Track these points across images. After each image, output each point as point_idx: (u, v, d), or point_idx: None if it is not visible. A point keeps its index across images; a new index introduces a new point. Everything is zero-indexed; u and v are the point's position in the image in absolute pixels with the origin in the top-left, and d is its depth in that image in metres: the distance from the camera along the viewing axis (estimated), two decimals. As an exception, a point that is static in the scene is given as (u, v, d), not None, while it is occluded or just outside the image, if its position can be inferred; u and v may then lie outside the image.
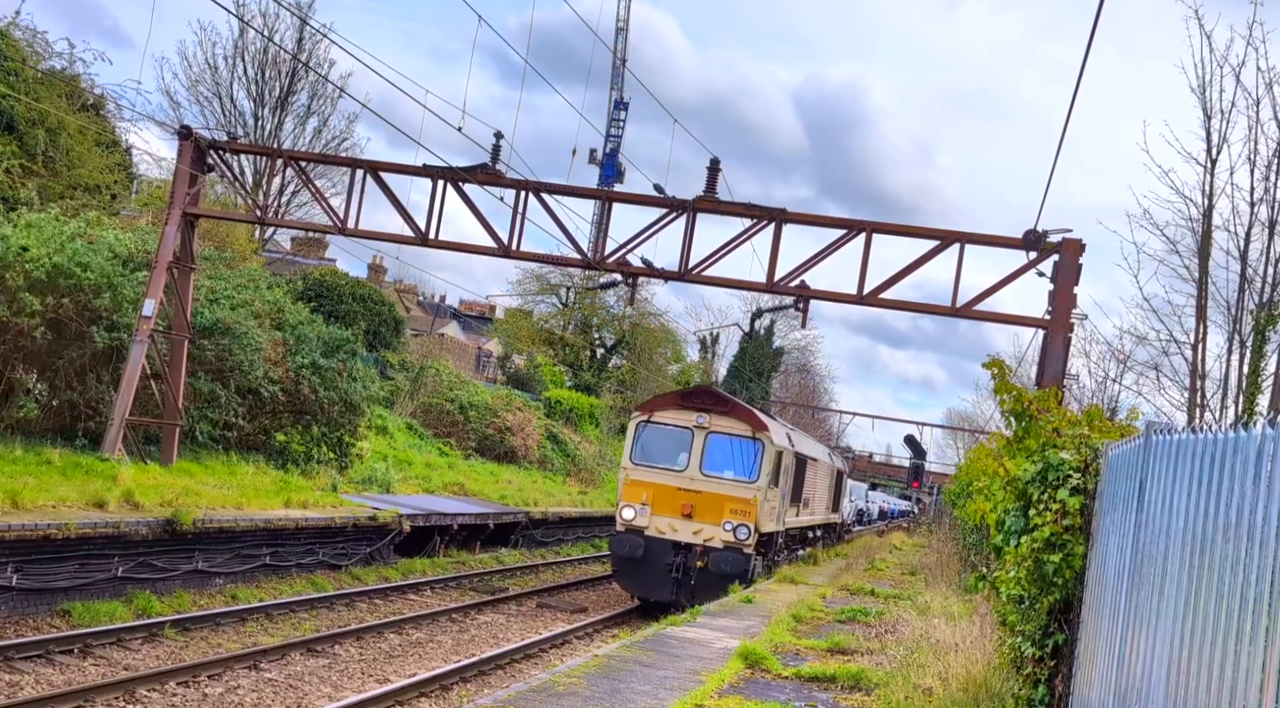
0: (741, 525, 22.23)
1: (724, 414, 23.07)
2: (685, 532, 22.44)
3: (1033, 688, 8.60)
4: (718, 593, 20.69)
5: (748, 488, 22.55)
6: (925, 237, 20.63)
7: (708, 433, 22.85)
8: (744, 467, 22.81)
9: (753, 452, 22.81)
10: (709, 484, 22.61)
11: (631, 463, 23.22)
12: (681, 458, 23.04)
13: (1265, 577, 3.85)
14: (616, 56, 75.61)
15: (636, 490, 22.80)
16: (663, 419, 23.18)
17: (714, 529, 22.28)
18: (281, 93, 42.81)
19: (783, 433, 25.54)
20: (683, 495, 22.60)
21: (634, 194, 23.07)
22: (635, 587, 23.07)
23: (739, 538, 22.17)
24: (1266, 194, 18.88)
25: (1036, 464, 8.51)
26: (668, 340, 59.42)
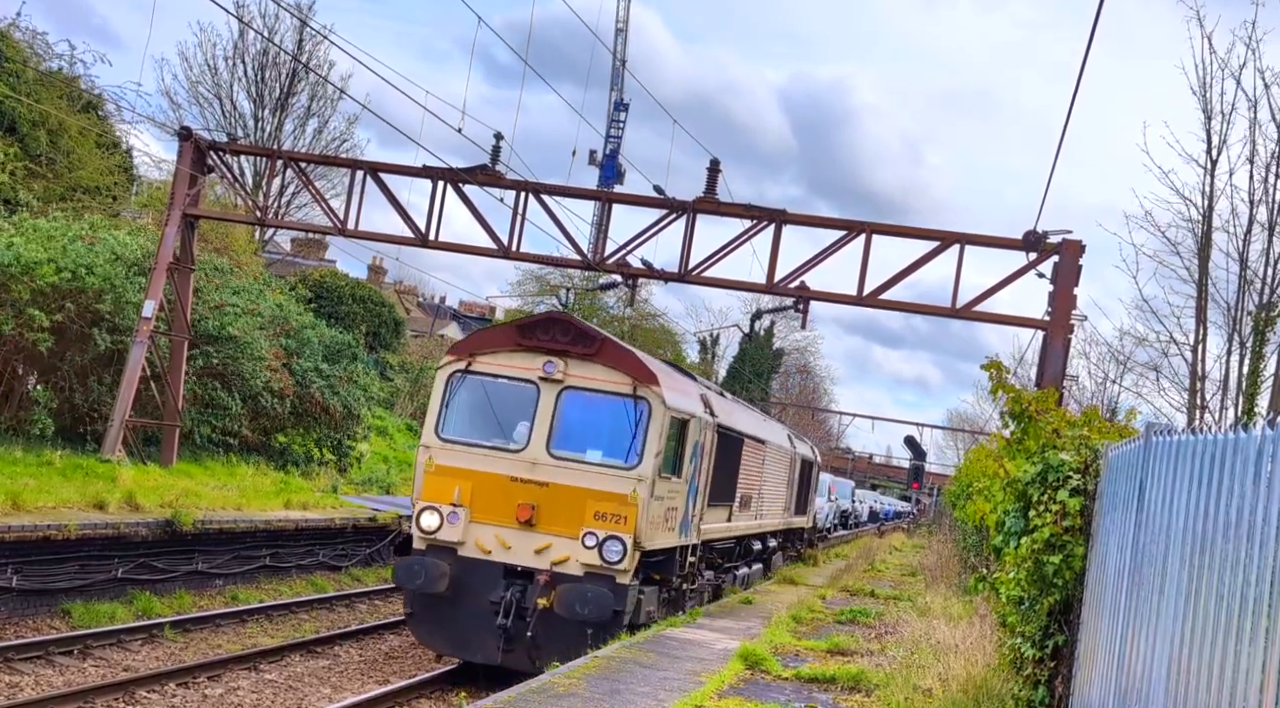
0: (613, 539, 13.83)
1: (587, 358, 14.50)
2: (522, 550, 14.09)
3: (1033, 689, 8.60)
4: (572, 648, 13.29)
5: (624, 478, 14.16)
6: (925, 238, 20.64)
7: (561, 389, 14.45)
8: (619, 443, 14.47)
9: (633, 419, 14.42)
10: (562, 472, 14.25)
11: (438, 439, 14.56)
12: (519, 430, 14.57)
13: (1265, 577, 3.85)
14: (616, 58, 75.64)
15: (444, 484, 14.29)
16: (489, 367, 14.71)
17: (569, 545, 14.02)
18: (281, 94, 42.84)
19: (692, 393, 16.59)
20: (519, 490, 14.18)
21: (634, 195, 23.08)
22: (439, 639, 14.61)
23: (608, 559, 13.82)
24: (1266, 195, 18.91)
25: (1036, 465, 8.52)
26: (668, 342, 59.42)
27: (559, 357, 14.51)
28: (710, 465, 17.02)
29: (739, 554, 22.13)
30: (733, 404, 21.22)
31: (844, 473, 79.97)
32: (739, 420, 20.02)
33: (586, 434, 14.55)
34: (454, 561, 14.20)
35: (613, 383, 14.48)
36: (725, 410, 18.74)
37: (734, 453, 19.28)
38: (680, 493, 15.40)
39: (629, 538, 13.89)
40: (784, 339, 71.85)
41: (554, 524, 14.10)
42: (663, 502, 14.63)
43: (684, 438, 15.24)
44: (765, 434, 23.15)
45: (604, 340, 14.73)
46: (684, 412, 15.18)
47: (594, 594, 13.55)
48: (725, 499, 18.85)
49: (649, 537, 14.25)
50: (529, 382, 14.56)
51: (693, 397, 16.29)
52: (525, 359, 14.60)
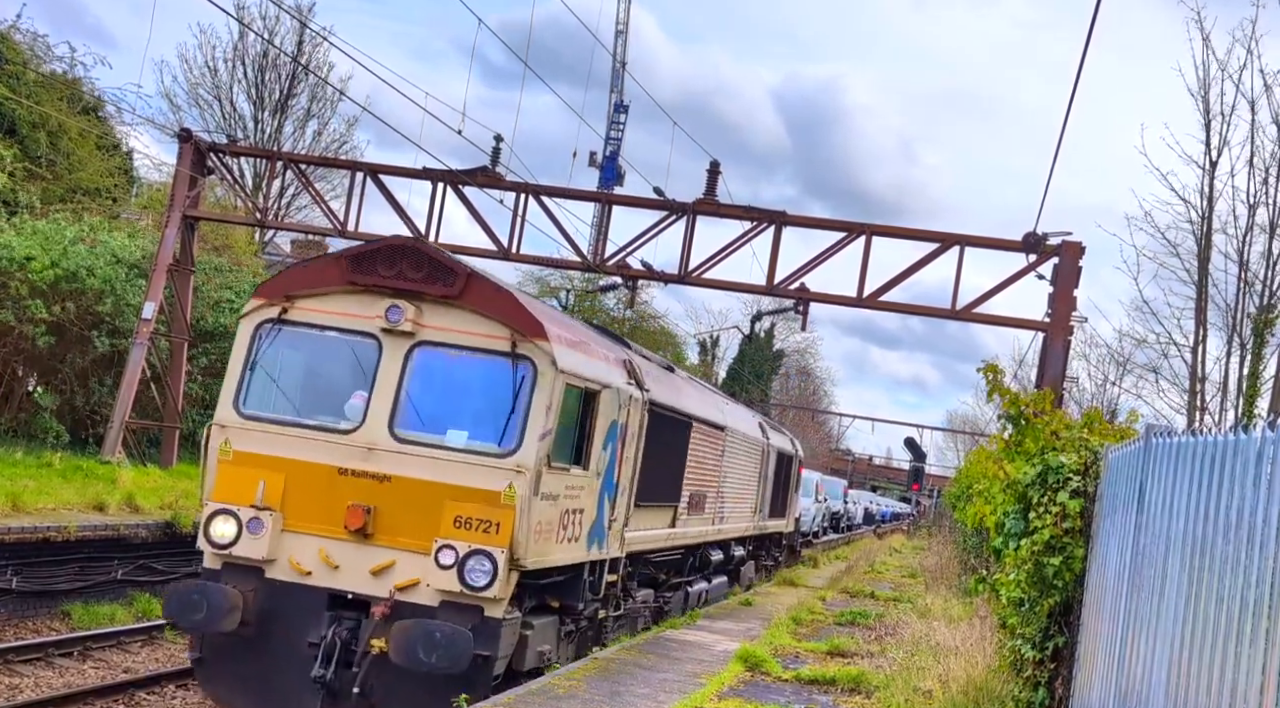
0: (478, 554, 9.91)
1: (448, 302, 10.59)
2: (354, 570, 10.25)
3: (1033, 691, 8.61)
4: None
5: (497, 469, 10.18)
6: (925, 239, 20.66)
7: (412, 345, 10.58)
8: (490, 421, 10.49)
9: (511, 387, 10.43)
10: (410, 461, 10.33)
11: (237, 416, 10.70)
12: (351, 404, 10.75)
13: (1265, 579, 3.85)
14: (616, 59, 75.72)
15: (245, 478, 10.44)
16: (312, 314, 10.83)
17: (418, 563, 10.10)
18: (281, 96, 42.89)
19: (606, 357, 12.17)
20: (350, 487, 10.35)
21: (634, 197, 23.10)
22: (238, 697, 10.64)
23: (471, 583, 9.90)
24: (1266, 197, 18.93)
25: (1036, 467, 8.52)
26: (668, 343, 59.44)
27: (409, 299, 10.41)
28: (639, 454, 12.81)
29: (693, 567, 17.83)
30: (679, 380, 16.48)
31: (844, 475, 79.92)
32: (686, 400, 15.69)
33: (446, 408, 10.54)
34: (259, 585, 10.21)
35: (483, 336, 10.35)
36: (664, 385, 14.48)
37: (678, 441, 15.12)
38: (588, 490, 11.25)
39: (502, 553, 9.67)
40: (784, 341, 71.93)
41: (398, 534, 10.03)
42: (556, 502, 10.50)
43: (591, 415, 11.20)
44: (725, 419, 18.68)
45: (470, 277, 10.47)
46: (590, 379, 11.07)
47: (445, 635, 9.45)
48: (665, 499, 14.74)
49: (535, 550, 10.03)
50: (367, 335, 10.52)
51: (607, 362, 11.91)
52: (362, 303, 10.59)
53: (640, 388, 12.99)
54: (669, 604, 16.70)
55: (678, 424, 15.12)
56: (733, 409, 21.07)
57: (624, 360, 12.82)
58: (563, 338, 10.81)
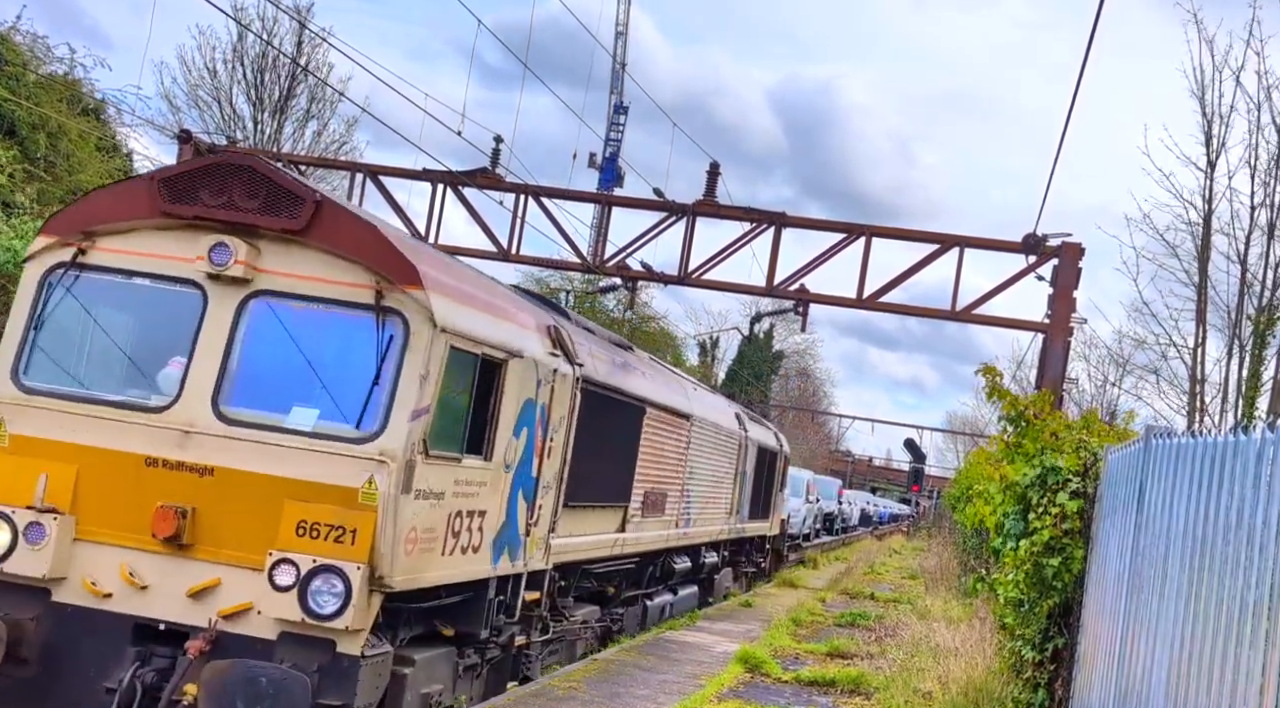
0: (326, 572, 7.49)
1: (292, 238, 8.13)
2: (167, 592, 7.81)
3: (1033, 692, 8.61)
4: None
5: (353, 458, 7.72)
6: (925, 240, 20.65)
7: (246, 296, 8.18)
8: (345, 395, 7.97)
9: (375, 349, 7.94)
10: (240, 449, 7.86)
11: (16, 389, 8.23)
12: (165, 374, 8.28)
13: (1265, 580, 3.85)
14: (616, 61, 75.75)
15: (24, 471, 8.02)
16: (116, 257, 8.38)
17: (250, 582, 7.69)
18: (280, 96, 42.91)
19: (519, 318, 9.84)
20: (161, 483, 7.89)
21: (633, 198, 23.11)
22: None
23: (318, 609, 7.48)
24: (1266, 198, 18.94)
25: (1036, 468, 8.53)
26: (668, 344, 59.45)
27: (242, 236, 8.03)
28: (570, 443, 10.61)
29: (653, 577, 15.68)
30: (630, 358, 13.57)
31: (843, 476, 79.86)
32: (636, 380, 13.03)
33: (290, 379, 8.07)
34: (42, 612, 7.83)
35: (338, 284, 7.98)
36: (606, 361, 11.99)
37: (627, 429, 12.91)
38: (491, 487, 9.00)
39: (358, 569, 7.38)
40: (783, 342, 71.93)
41: (224, 545, 7.72)
42: (441, 502, 8.19)
43: (496, 390, 8.92)
44: (692, 407, 16.14)
45: (322, 206, 8.05)
46: (491, 344, 8.72)
47: (274, 681, 7.21)
48: (611, 498, 12.51)
49: (407, 565, 7.80)
50: (187, 283, 8.13)
51: (519, 325, 9.51)
52: (181, 242, 8.15)
53: (570, 361, 10.53)
54: (621, 623, 14.40)
55: (626, 409, 12.73)
56: (703, 396, 18.27)
57: (548, 327, 10.21)
58: (447, 287, 8.29)
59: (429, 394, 7.94)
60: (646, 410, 13.55)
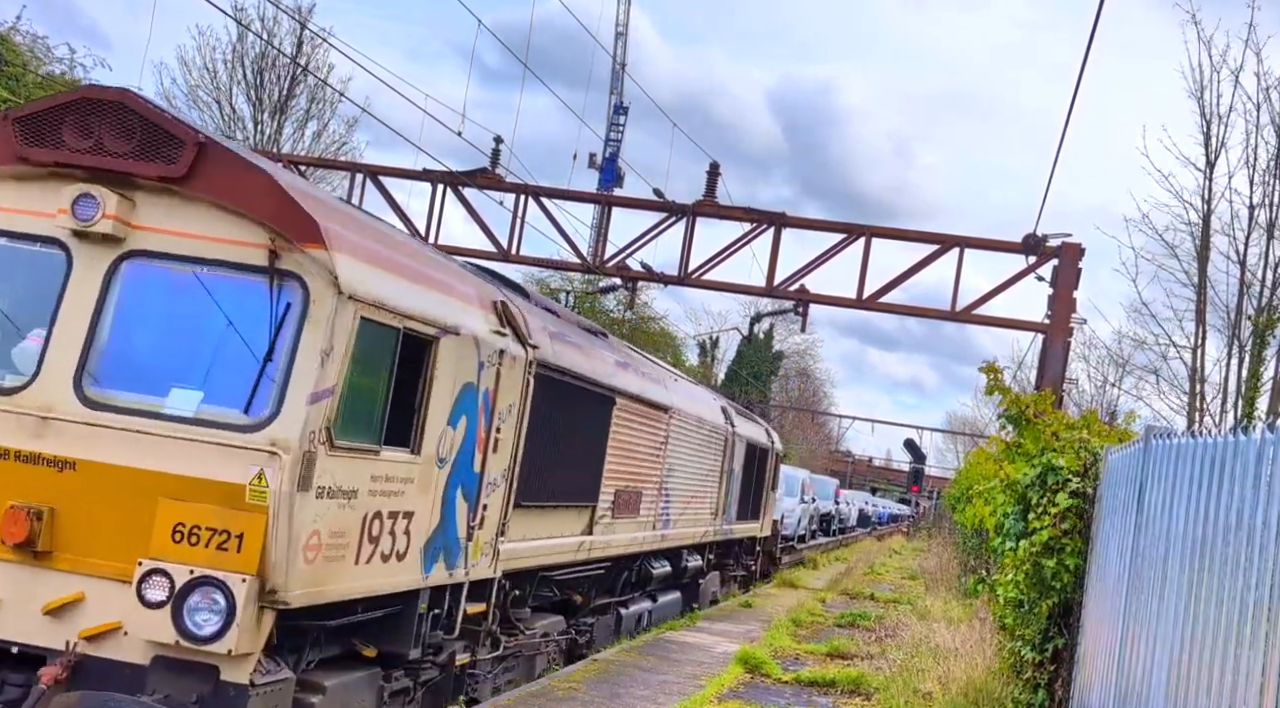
0: (205, 585, 6.23)
1: (173, 188, 6.84)
2: (18, 608, 6.49)
3: (1033, 692, 8.61)
4: None
5: (239, 448, 6.44)
6: (925, 241, 20.65)
7: (117, 255, 6.86)
8: (235, 373, 6.63)
9: (268, 320, 6.64)
10: (105, 439, 6.54)
11: None
12: (20, 349, 6.95)
13: (1265, 581, 3.85)
14: (616, 61, 75.79)
15: None
16: None
17: (116, 596, 6.38)
18: (280, 97, 42.92)
19: (467, 292, 8.67)
20: (11, 478, 6.56)
21: (633, 198, 23.12)
22: None
23: (195, 629, 6.21)
24: (1265, 199, 18.95)
25: (1036, 468, 8.53)
26: (668, 344, 59.46)
27: (113, 185, 6.86)
28: (522, 435, 9.42)
29: (628, 584, 14.54)
30: (597, 342, 12.37)
31: (843, 476, 79.81)
32: (603, 366, 11.84)
33: (168, 356, 6.92)
34: None
35: (226, 242, 6.81)
36: (567, 343, 10.75)
37: (594, 420, 11.69)
38: (420, 485, 7.84)
39: (244, 582, 6.23)
40: (783, 342, 71.93)
41: (88, 552, 6.54)
42: (353, 502, 7.00)
43: (425, 372, 7.78)
44: (671, 398, 14.80)
45: (206, 149, 6.84)
46: (418, 318, 7.56)
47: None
48: (574, 497, 11.33)
49: (308, 577, 6.62)
50: (48, 241, 6.96)
51: (456, 297, 8.33)
52: (40, 192, 6.99)
53: (522, 342, 9.24)
54: (591, 633, 13.10)
55: (592, 398, 11.41)
56: (684, 388, 16.88)
57: (495, 302, 8.93)
58: (357, 248, 7.04)
59: (333, 373, 6.65)
60: (617, 400, 12.15)
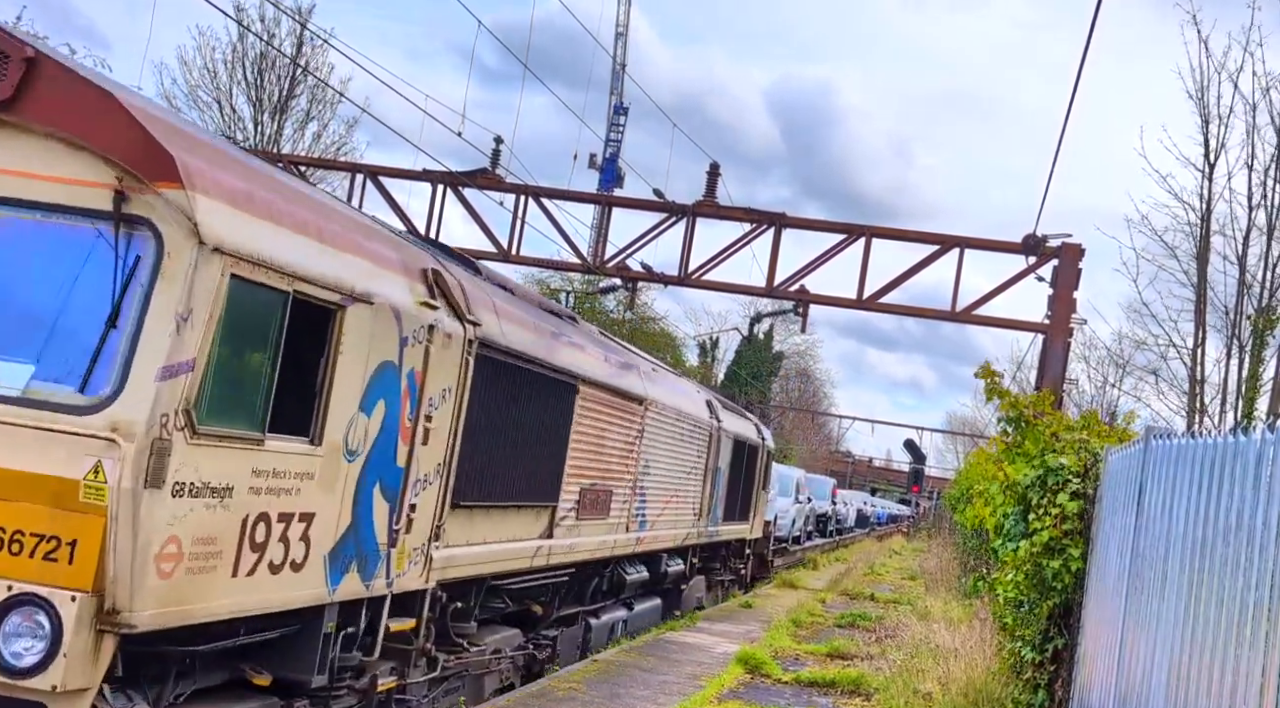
0: (25, 605, 5.11)
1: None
2: None
3: (1033, 693, 8.61)
4: None
5: (71, 434, 5.22)
6: (925, 241, 20.66)
7: None
8: (70, 341, 5.40)
9: (108, 273, 5.41)
10: None
11: None
12: None
13: (1265, 581, 3.85)
14: (616, 62, 75.81)
15: None
16: None
17: None
18: (281, 97, 42.92)
19: (386, 255, 7.41)
20: None
21: (634, 198, 23.14)
22: None
23: (9, 661, 5.08)
24: (1264, 199, 18.96)
25: (1036, 469, 8.53)
26: (668, 345, 59.46)
27: None
28: (461, 424, 8.24)
29: (599, 591, 13.39)
30: (558, 324, 11.04)
31: (844, 477, 79.78)
32: (564, 351, 10.60)
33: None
34: None
35: (59, 179, 5.65)
36: (519, 323, 9.51)
37: (554, 410, 10.41)
38: (328, 481, 6.66)
39: (74, 600, 5.19)
40: (783, 343, 71.94)
41: None
42: (228, 502, 5.87)
43: (328, 346, 6.58)
44: (646, 389, 13.57)
45: (37, 65, 5.68)
46: (314, 279, 6.31)
47: None
48: (529, 496, 10.07)
49: (168, 592, 5.55)
50: None
51: (370, 258, 7.07)
52: None
53: (460, 318, 8.13)
54: (556, 647, 11.75)
55: (550, 385, 10.16)
56: (663, 379, 15.31)
57: (425, 270, 7.79)
58: (227, 190, 5.83)
59: (192, 343, 5.46)
60: (580, 389, 10.94)
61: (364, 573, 7.19)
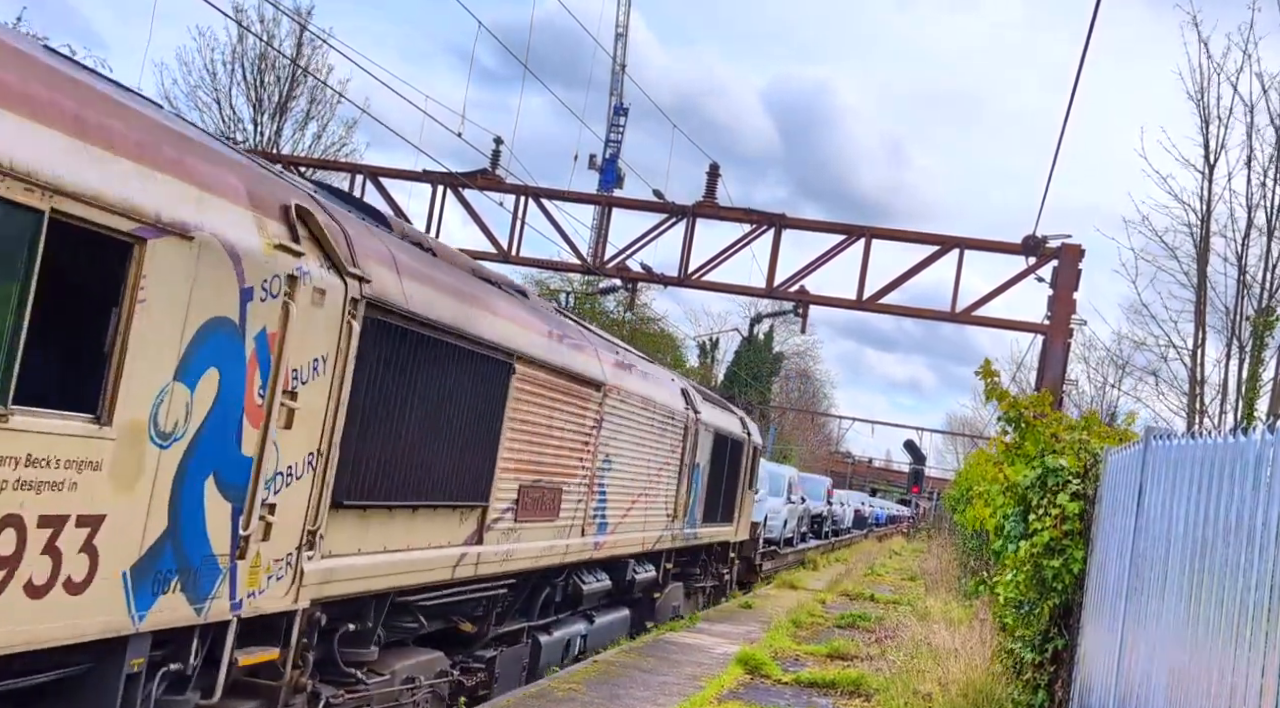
0: None
1: None
2: None
3: (1032, 693, 8.61)
4: None
5: None
6: (925, 242, 20.67)
7: None
8: None
9: None
10: None
11: None
12: None
13: (1265, 582, 3.85)
14: (616, 62, 75.86)
15: None
16: None
17: None
18: (280, 98, 42.93)
19: (218, 180, 5.62)
20: None
21: (634, 199, 23.16)
22: None
23: None
24: (1264, 200, 18.97)
25: (1036, 470, 8.53)
26: (667, 346, 59.47)
27: None
28: (341, 403, 6.79)
29: (551, 604, 11.70)
30: (486, 290, 9.28)
31: (844, 477, 79.75)
32: (490, 320, 8.83)
33: None
34: None
35: None
36: (428, 282, 7.99)
37: (482, 392, 8.73)
38: (126, 472, 5.11)
39: None
40: (783, 343, 71.96)
41: None
42: None
43: (126, 292, 4.98)
44: (604, 371, 11.82)
45: None
46: (87, 196, 4.66)
47: None
48: (449, 495, 8.42)
49: None
50: None
51: (196, 181, 5.47)
52: None
53: (339, 271, 6.58)
54: (490, 671, 10.05)
55: (474, 361, 8.45)
56: (627, 361, 13.32)
57: (287, 206, 6.24)
58: None
59: None
60: (516, 367, 9.15)
61: (193, 593, 5.58)
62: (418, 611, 8.51)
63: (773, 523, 29.62)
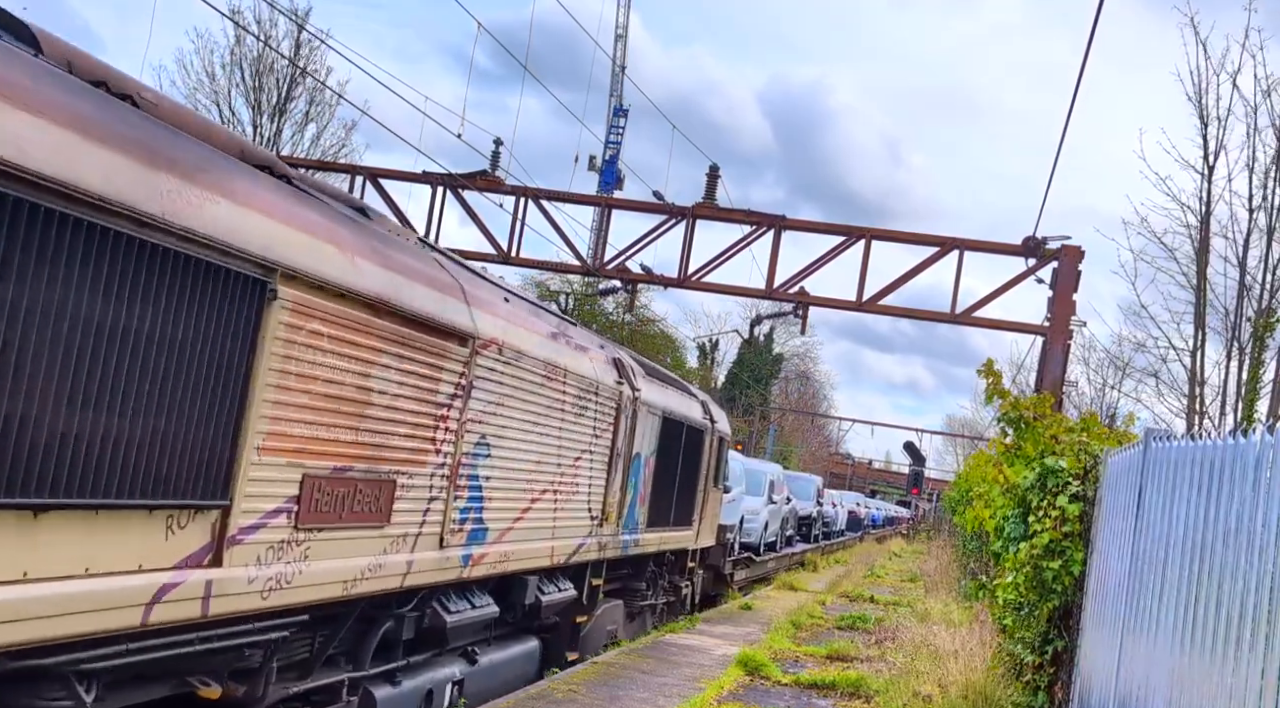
0: None
1: None
2: None
3: (1032, 695, 8.61)
4: None
5: None
6: (924, 243, 20.68)
7: None
8: None
9: None
10: None
11: None
12: None
13: (1265, 584, 3.85)
14: (616, 63, 75.87)
15: None
16: None
17: None
18: (279, 99, 42.94)
19: None
20: None
21: (634, 201, 23.18)
22: None
23: None
24: (1264, 201, 18.98)
25: (1035, 471, 8.54)
26: (667, 347, 59.47)
27: None
28: None
29: (402, 642, 8.33)
30: (251, 181, 6.03)
31: (844, 479, 79.74)
32: (236, 213, 5.60)
33: None
34: None
35: None
36: (38, 109, 4.42)
37: (213, 325, 5.45)
38: None
39: None
40: (783, 345, 71.96)
41: None
42: None
43: None
44: (476, 321, 8.43)
45: None
46: None
47: None
48: (143, 491, 5.11)
49: None
50: None
51: None
52: None
53: None
54: None
55: (181, 268, 5.21)
56: (519, 308, 9.87)
57: None
58: None
59: None
60: (280, 291, 5.92)
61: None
62: (85, 677, 5.14)
63: (750, 526, 26.17)
